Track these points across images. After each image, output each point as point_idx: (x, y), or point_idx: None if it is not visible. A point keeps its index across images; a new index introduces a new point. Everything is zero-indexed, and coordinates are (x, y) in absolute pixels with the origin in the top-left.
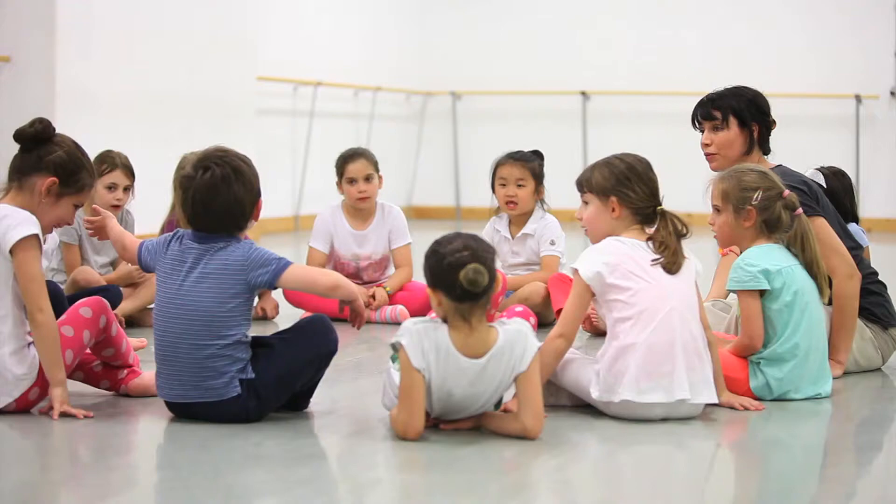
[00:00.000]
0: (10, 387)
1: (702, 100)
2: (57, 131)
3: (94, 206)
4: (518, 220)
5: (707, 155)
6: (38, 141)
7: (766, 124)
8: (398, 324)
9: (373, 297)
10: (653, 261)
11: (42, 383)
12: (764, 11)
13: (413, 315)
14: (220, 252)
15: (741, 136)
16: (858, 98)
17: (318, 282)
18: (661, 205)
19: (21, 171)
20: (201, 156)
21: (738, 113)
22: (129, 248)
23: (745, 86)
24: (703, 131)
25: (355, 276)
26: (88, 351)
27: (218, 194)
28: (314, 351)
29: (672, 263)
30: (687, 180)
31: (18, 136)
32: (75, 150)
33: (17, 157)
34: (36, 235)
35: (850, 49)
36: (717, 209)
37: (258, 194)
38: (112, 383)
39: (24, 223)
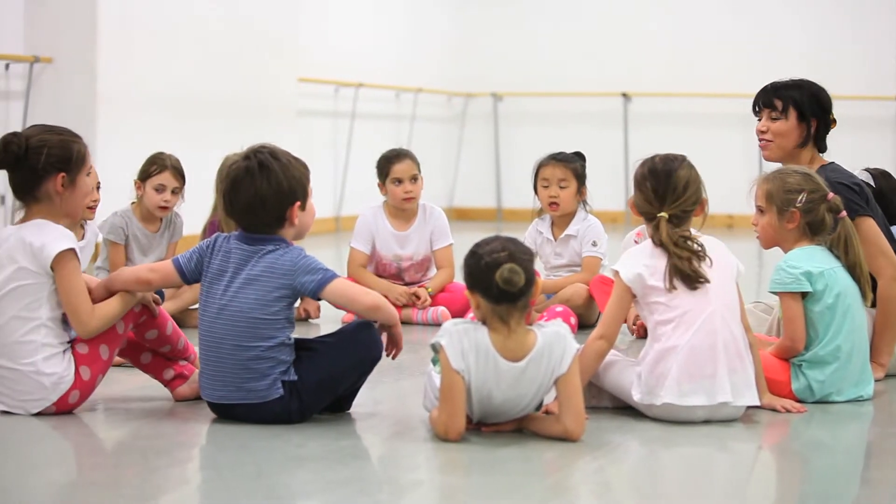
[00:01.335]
0: (47, 391)
1: (765, 87)
2: (18, 132)
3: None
4: (561, 222)
5: (761, 141)
6: (19, 158)
7: (826, 121)
8: (439, 325)
9: (416, 296)
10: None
11: (81, 386)
12: (807, 11)
13: (454, 316)
14: (268, 255)
15: (798, 129)
16: None
17: (359, 300)
18: (662, 213)
19: (28, 188)
20: (247, 149)
21: (799, 105)
22: (158, 269)
23: (810, 80)
24: (761, 118)
25: (397, 276)
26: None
27: (241, 188)
28: (358, 357)
29: (689, 270)
30: (728, 182)
31: (4, 162)
32: (51, 136)
33: (13, 179)
34: (72, 249)
35: (892, 51)
36: (760, 210)
37: (291, 197)
38: (158, 379)
39: (59, 238)
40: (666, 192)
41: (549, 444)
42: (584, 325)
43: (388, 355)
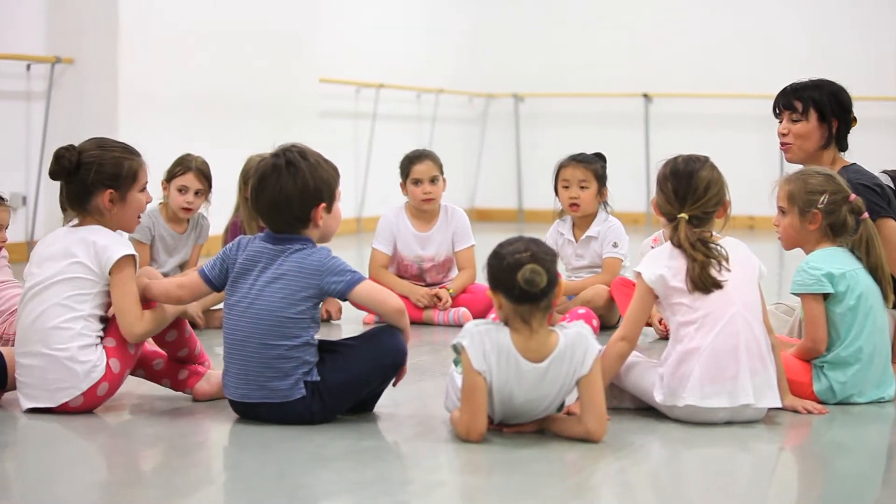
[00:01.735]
0: (78, 380)
1: (784, 89)
2: (73, 145)
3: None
4: (582, 223)
5: (783, 144)
6: (72, 171)
7: (846, 121)
8: (461, 326)
9: (437, 297)
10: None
11: (110, 378)
12: (830, 12)
13: (476, 317)
14: (295, 254)
15: (819, 130)
16: None
17: (386, 303)
18: (683, 214)
19: (79, 201)
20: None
21: (819, 106)
22: (186, 284)
23: (829, 79)
24: (781, 120)
25: (418, 277)
26: (151, 347)
27: (267, 184)
28: (382, 361)
29: (699, 277)
30: (749, 182)
31: (53, 175)
32: (104, 153)
33: (64, 192)
34: (130, 257)
35: None
36: (782, 211)
37: (316, 197)
38: (173, 382)
39: (123, 243)
40: (687, 192)
41: (571, 444)
42: (605, 326)
43: (392, 385)
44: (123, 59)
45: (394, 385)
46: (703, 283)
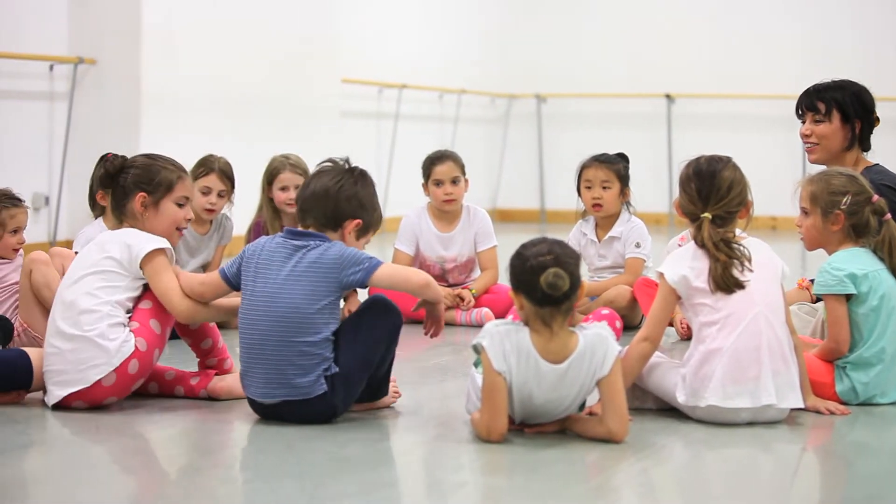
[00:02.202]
0: (110, 355)
1: (807, 90)
2: (119, 154)
3: None
4: (604, 223)
5: (806, 145)
6: (114, 175)
7: (869, 121)
8: (483, 326)
9: (460, 297)
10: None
11: (139, 357)
12: (853, 11)
13: (498, 318)
14: (313, 251)
15: (842, 131)
16: None
17: (410, 280)
18: (706, 214)
19: (119, 205)
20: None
21: (842, 107)
22: (207, 282)
23: (851, 80)
24: (804, 121)
25: (441, 278)
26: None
27: (327, 175)
28: (381, 328)
29: (721, 277)
30: (772, 183)
31: (99, 180)
32: (146, 160)
33: (111, 195)
34: (160, 250)
35: None
36: (804, 211)
37: (359, 212)
38: (186, 390)
39: (151, 239)
40: (710, 192)
41: (593, 445)
42: (627, 326)
43: (426, 333)
44: (146, 60)
45: (432, 336)
46: (725, 283)
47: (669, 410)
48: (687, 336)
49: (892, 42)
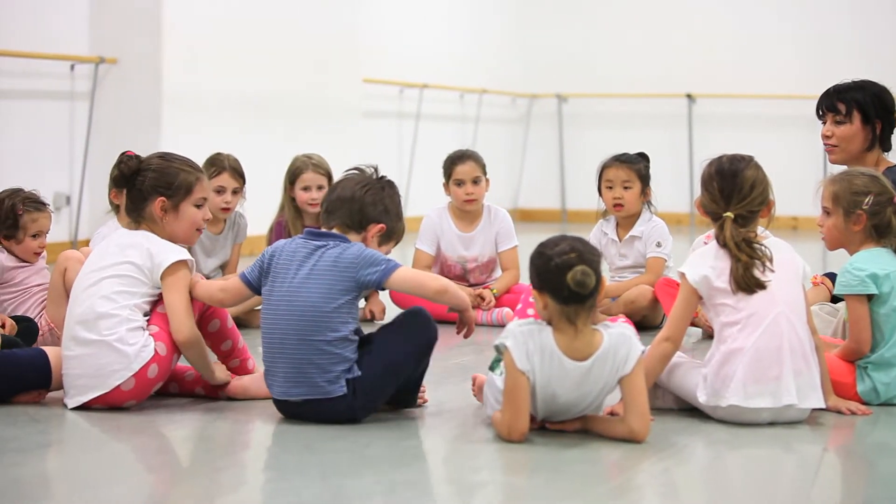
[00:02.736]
0: (129, 360)
1: (827, 90)
2: (142, 156)
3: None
4: (625, 223)
5: (827, 146)
6: (130, 177)
7: (890, 121)
8: (504, 326)
9: (481, 297)
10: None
11: (159, 361)
12: (874, 13)
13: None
14: (332, 250)
15: (863, 132)
16: None
17: (426, 285)
18: (728, 213)
19: (136, 207)
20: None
21: (863, 107)
22: (228, 288)
23: (872, 80)
24: (825, 122)
25: (462, 278)
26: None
27: (356, 180)
28: (414, 342)
29: (742, 278)
30: (793, 183)
31: (115, 181)
32: (163, 162)
33: (126, 197)
34: (183, 262)
35: None
36: (826, 211)
37: (384, 218)
38: (207, 390)
39: (173, 249)
40: (732, 191)
41: (614, 445)
42: (648, 326)
43: (458, 333)
44: (167, 60)
45: (465, 336)
46: (746, 283)
47: (691, 410)
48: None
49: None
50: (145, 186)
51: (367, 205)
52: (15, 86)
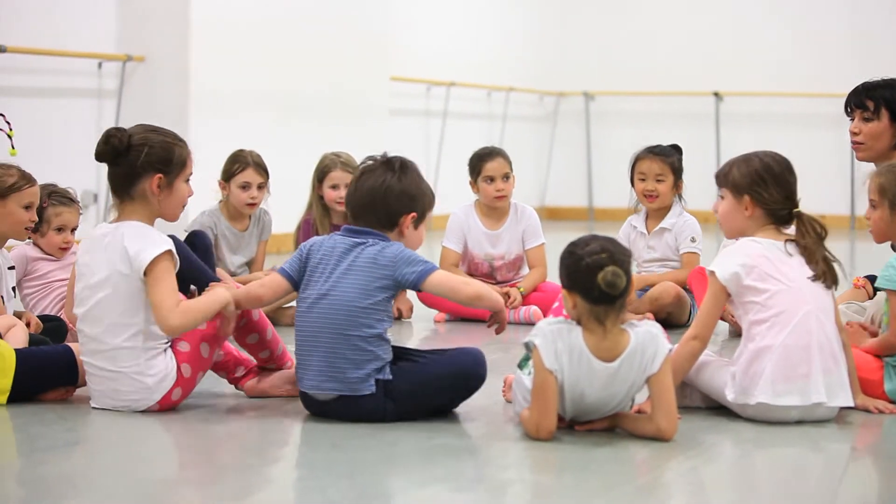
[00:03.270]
0: (150, 391)
1: (856, 87)
2: (122, 127)
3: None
4: (656, 215)
5: (854, 143)
6: (119, 153)
7: None
8: (532, 324)
9: (507, 295)
10: (810, 277)
11: (182, 383)
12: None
13: (546, 316)
14: (370, 248)
15: (891, 129)
16: None
17: (460, 291)
18: (797, 207)
19: (124, 185)
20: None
21: (891, 104)
22: (267, 283)
23: None
24: (853, 119)
25: (489, 276)
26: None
27: (372, 175)
28: (456, 381)
29: (824, 273)
30: (821, 182)
31: (101, 156)
32: (156, 136)
33: (111, 174)
34: (167, 251)
35: None
36: (872, 204)
37: (411, 204)
38: (229, 377)
39: (155, 244)
40: (796, 186)
41: (642, 443)
42: (675, 325)
43: (489, 326)
44: (194, 57)
45: (497, 333)
46: (833, 276)
47: (718, 409)
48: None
49: None
50: (140, 162)
51: (390, 202)
52: (43, 84)
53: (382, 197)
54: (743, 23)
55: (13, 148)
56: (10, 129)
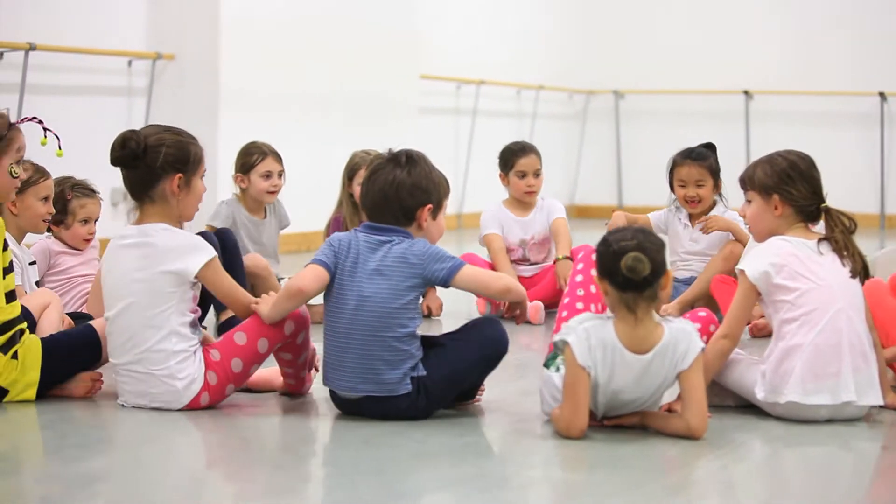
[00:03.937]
0: (178, 395)
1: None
2: (137, 130)
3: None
4: (699, 215)
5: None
6: (137, 156)
7: None
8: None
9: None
10: (847, 273)
11: (209, 389)
12: None
13: (546, 302)
14: (397, 246)
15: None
16: None
17: (490, 285)
18: (824, 202)
19: (144, 187)
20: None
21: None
22: (306, 276)
23: None
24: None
25: (523, 258)
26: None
27: (381, 173)
28: (484, 352)
29: (857, 267)
30: (849, 180)
31: (118, 161)
32: (171, 136)
33: (128, 178)
34: (212, 259)
35: None
36: None
37: (425, 196)
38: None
39: (197, 251)
40: (817, 184)
41: (672, 441)
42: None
43: (508, 315)
44: (224, 56)
45: (517, 323)
46: (866, 269)
47: (748, 407)
48: (754, 335)
49: None
50: (159, 163)
51: (403, 198)
52: (73, 81)
53: (395, 194)
54: (773, 21)
55: (59, 149)
56: (44, 137)
